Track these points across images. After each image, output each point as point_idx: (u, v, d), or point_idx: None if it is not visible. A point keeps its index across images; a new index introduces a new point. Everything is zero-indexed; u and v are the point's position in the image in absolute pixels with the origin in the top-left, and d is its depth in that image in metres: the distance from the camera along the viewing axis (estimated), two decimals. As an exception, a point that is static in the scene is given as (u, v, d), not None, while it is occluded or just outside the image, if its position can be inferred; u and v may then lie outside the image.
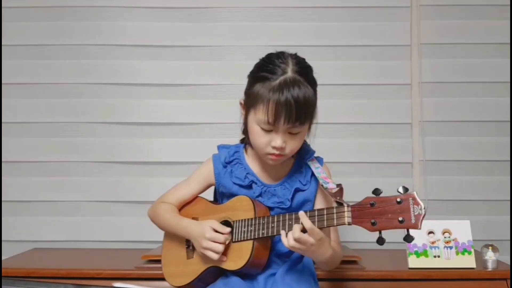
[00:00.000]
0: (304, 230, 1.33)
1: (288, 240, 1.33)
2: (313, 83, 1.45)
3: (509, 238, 2.17)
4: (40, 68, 2.28)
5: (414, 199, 1.25)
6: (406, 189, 1.27)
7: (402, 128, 2.26)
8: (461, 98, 2.25)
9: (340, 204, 1.34)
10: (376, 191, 1.29)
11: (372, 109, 2.25)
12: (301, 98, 1.39)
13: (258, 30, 2.27)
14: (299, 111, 1.39)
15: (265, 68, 1.44)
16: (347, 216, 1.30)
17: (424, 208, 1.25)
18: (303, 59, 1.49)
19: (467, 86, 2.25)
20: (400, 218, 1.24)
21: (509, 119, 2.23)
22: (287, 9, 2.27)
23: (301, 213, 1.34)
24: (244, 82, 1.52)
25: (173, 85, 2.27)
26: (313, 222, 1.33)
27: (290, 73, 1.41)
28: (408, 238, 1.27)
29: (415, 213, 1.24)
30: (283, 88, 1.39)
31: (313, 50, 2.25)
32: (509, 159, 2.22)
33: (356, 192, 2.17)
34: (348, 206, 1.31)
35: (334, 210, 1.32)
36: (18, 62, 2.28)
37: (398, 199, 1.26)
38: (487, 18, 2.26)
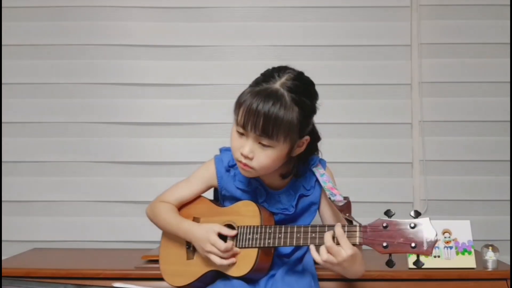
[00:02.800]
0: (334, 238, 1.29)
1: (321, 254, 1.28)
2: (301, 103, 1.37)
3: (509, 238, 2.17)
4: (40, 68, 2.27)
5: (427, 225, 1.24)
6: (418, 213, 1.26)
7: (402, 128, 2.26)
8: (461, 98, 2.25)
9: (350, 221, 1.32)
10: (388, 213, 1.28)
11: (372, 109, 2.25)
12: (270, 113, 1.32)
13: (258, 30, 2.27)
14: (266, 125, 1.33)
15: (260, 77, 1.42)
16: (358, 236, 1.29)
17: (436, 235, 1.24)
18: (304, 78, 1.43)
19: (467, 86, 2.25)
20: (413, 244, 1.24)
21: (509, 119, 2.23)
22: (287, 9, 2.27)
23: (330, 233, 1.30)
24: (244, 81, 1.51)
25: (173, 85, 2.27)
26: (322, 237, 1.31)
27: (277, 85, 1.37)
28: (418, 263, 1.26)
29: (428, 240, 1.23)
30: (260, 95, 1.35)
31: (313, 50, 2.25)
32: (509, 159, 2.22)
33: (356, 192, 2.19)
34: (360, 225, 1.30)
35: (346, 229, 1.31)
36: (18, 62, 2.28)
37: (412, 224, 1.25)
38: (487, 18, 2.26)
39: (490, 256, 1.76)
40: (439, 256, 1.76)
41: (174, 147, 2.26)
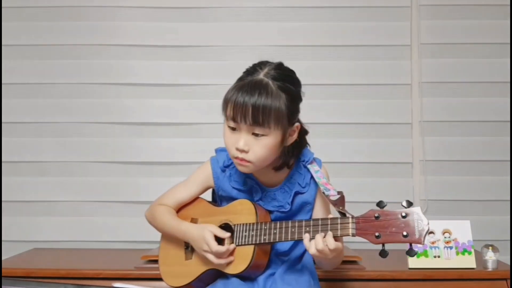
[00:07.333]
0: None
1: (311, 247, 1.32)
2: (287, 89, 1.40)
3: (509, 238, 2.17)
4: (40, 68, 2.28)
5: (418, 214, 1.26)
6: (410, 203, 1.27)
7: (402, 128, 2.26)
8: (461, 98, 2.25)
9: (343, 214, 1.33)
10: (380, 204, 1.29)
11: (372, 109, 2.25)
12: (258, 102, 1.35)
13: (258, 30, 2.27)
14: (255, 114, 1.35)
15: (243, 74, 1.46)
16: (351, 227, 1.30)
17: (428, 224, 1.25)
18: (285, 67, 1.47)
19: (467, 86, 2.26)
20: (405, 233, 1.25)
21: (509, 119, 2.23)
22: (286, 9, 2.27)
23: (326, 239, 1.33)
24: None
25: (173, 85, 2.27)
26: (316, 231, 1.33)
27: (260, 75, 1.40)
28: (411, 252, 1.28)
29: (419, 228, 1.25)
30: (245, 87, 1.38)
31: (312, 50, 2.25)
32: (509, 159, 2.22)
33: (356, 192, 2.19)
34: (352, 217, 1.31)
35: (338, 221, 1.32)
36: (18, 62, 2.28)
37: (403, 213, 1.26)
38: (487, 18, 2.26)
39: (490, 256, 1.76)
40: (439, 256, 1.76)
41: (174, 147, 2.26)
